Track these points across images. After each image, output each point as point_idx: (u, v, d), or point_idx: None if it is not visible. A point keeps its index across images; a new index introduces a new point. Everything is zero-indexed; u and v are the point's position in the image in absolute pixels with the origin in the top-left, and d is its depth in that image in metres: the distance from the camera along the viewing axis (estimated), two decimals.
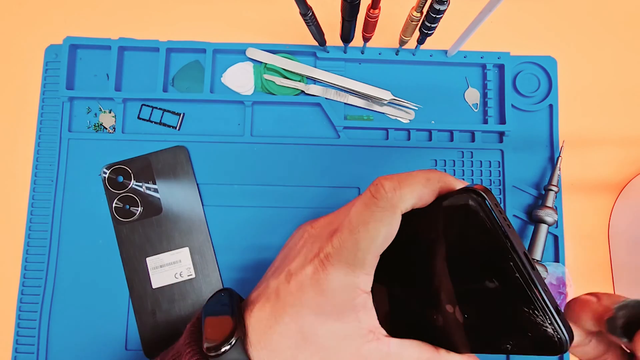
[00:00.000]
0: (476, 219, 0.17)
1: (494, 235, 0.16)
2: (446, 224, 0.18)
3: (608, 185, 0.39)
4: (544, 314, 0.16)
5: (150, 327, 0.35)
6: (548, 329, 0.16)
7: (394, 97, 0.38)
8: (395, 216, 0.17)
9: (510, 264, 0.16)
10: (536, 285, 0.16)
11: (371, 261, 0.18)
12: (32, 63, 0.40)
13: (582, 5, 0.42)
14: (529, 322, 0.16)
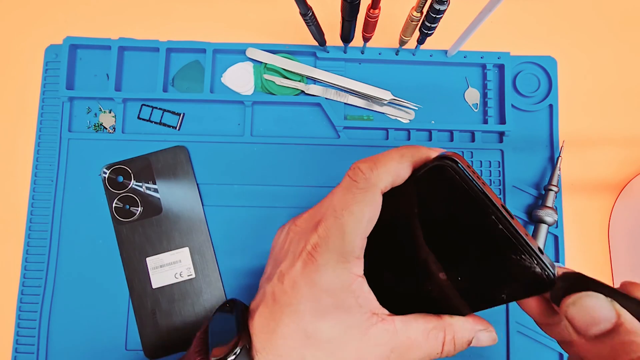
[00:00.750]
0: (452, 183, 0.17)
1: (472, 196, 0.17)
2: (425, 195, 0.18)
3: (608, 185, 0.39)
4: (530, 256, 0.17)
5: (150, 327, 0.35)
6: (536, 269, 0.17)
7: (394, 97, 0.38)
8: (376, 195, 0.17)
9: (492, 218, 0.17)
10: (519, 233, 0.17)
11: (360, 244, 0.18)
12: (32, 63, 0.40)
13: (582, 5, 0.42)
14: (518, 267, 0.17)
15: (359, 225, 0.17)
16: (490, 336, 0.19)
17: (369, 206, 0.17)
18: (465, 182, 0.17)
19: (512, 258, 0.17)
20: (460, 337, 0.19)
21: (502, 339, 0.36)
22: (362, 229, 0.18)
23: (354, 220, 0.17)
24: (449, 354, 0.19)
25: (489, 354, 0.36)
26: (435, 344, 0.19)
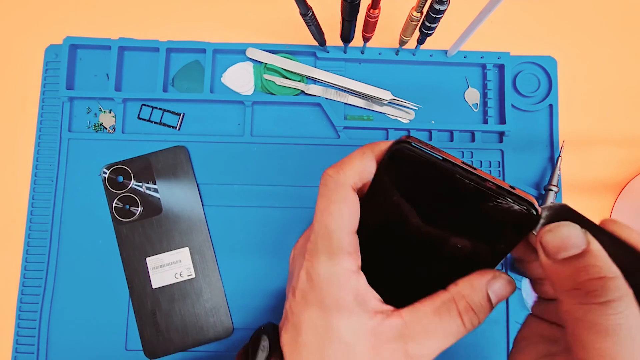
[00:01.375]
0: (412, 161, 0.18)
1: (433, 165, 0.18)
2: (398, 181, 0.19)
3: (608, 185, 0.39)
4: (504, 197, 0.17)
5: (150, 327, 0.35)
6: (514, 207, 0.17)
7: (394, 97, 0.38)
8: (347, 192, 0.18)
9: (458, 177, 0.18)
10: (486, 180, 0.17)
11: (346, 239, 0.18)
12: (32, 63, 0.40)
13: (582, 5, 0.42)
14: (500, 213, 0.17)
15: (340, 221, 0.18)
16: (504, 283, 0.18)
17: (343, 202, 0.18)
18: (421, 156, 0.18)
19: (490, 207, 0.17)
20: (474, 299, 0.18)
21: (502, 338, 0.36)
22: (345, 224, 0.18)
23: (334, 218, 0.18)
24: (474, 323, 0.18)
25: (488, 354, 0.36)
26: (451, 320, 0.18)
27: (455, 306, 0.18)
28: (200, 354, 0.36)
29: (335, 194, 0.18)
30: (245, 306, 0.36)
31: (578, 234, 0.16)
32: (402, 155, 0.18)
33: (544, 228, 0.17)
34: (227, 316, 0.36)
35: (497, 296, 0.18)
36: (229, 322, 0.36)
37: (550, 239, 0.16)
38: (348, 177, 0.19)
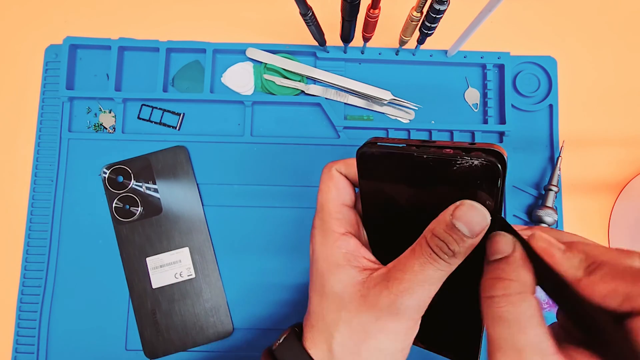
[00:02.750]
0: (376, 159, 0.20)
1: (393, 156, 0.20)
2: (373, 177, 0.21)
3: (608, 185, 0.39)
4: (462, 157, 0.18)
5: (150, 327, 0.35)
6: (475, 162, 0.18)
7: (394, 97, 0.38)
8: (334, 173, 0.22)
9: (416, 156, 0.19)
10: (444, 147, 0.19)
11: (336, 209, 0.22)
12: (32, 63, 0.40)
13: (582, 5, 0.42)
14: (468, 173, 0.18)
15: (328, 196, 0.22)
16: (466, 207, 0.18)
17: (330, 181, 0.22)
18: (382, 152, 0.20)
19: (457, 170, 0.18)
20: (438, 228, 0.19)
21: None
22: (333, 197, 0.22)
23: (324, 194, 0.22)
24: (443, 249, 0.18)
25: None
26: (422, 251, 0.19)
27: (425, 239, 0.19)
28: (200, 354, 0.36)
29: (326, 176, 0.22)
30: (245, 306, 0.36)
31: (508, 242, 0.18)
32: (366, 156, 0.20)
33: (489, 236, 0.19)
34: (227, 316, 0.36)
35: (461, 220, 0.18)
36: (229, 322, 0.36)
37: (489, 244, 0.19)
38: (337, 166, 0.22)
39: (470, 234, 0.18)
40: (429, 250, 0.19)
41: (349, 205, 0.22)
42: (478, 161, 0.17)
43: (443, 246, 0.18)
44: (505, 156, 0.18)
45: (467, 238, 0.18)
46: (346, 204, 0.22)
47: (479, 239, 0.18)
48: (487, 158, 0.17)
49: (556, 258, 0.18)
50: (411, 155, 0.19)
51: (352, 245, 0.21)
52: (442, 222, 0.19)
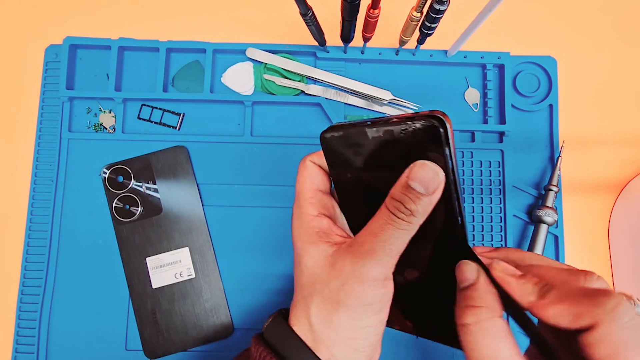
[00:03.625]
0: (334, 141, 0.22)
1: (349, 136, 0.21)
2: (339, 159, 0.22)
3: (608, 185, 0.39)
4: (406, 123, 0.19)
5: (150, 327, 0.35)
6: (417, 125, 0.19)
7: (394, 97, 0.38)
8: (307, 163, 0.24)
9: (367, 131, 0.20)
10: (390, 118, 0.20)
11: (310, 194, 0.23)
12: (32, 63, 0.40)
13: (582, 5, 0.42)
14: (414, 138, 0.19)
15: (302, 183, 0.23)
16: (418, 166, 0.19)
17: (305, 170, 0.24)
18: (338, 134, 0.21)
19: (405, 137, 0.19)
20: (394, 190, 0.20)
21: None
22: (307, 184, 0.23)
23: (299, 182, 0.24)
24: (400, 209, 0.19)
25: None
26: (381, 214, 0.20)
27: (384, 204, 0.20)
28: (200, 354, 0.36)
29: (301, 167, 0.24)
30: (245, 306, 0.36)
31: (472, 270, 0.20)
32: (326, 139, 0.22)
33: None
34: (227, 316, 0.36)
35: (416, 179, 0.19)
36: (229, 322, 0.36)
37: (457, 273, 0.21)
38: (311, 157, 0.24)
39: (425, 191, 0.19)
40: (387, 213, 0.20)
41: (324, 191, 0.24)
42: (419, 124, 0.18)
43: (399, 206, 0.19)
44: (445, 118, 0.18)
45: (423, 196, 0.19)
46: (320, 190, 0.24)
47: (435, 197, 0.19)
48: (427, 120, 0.18)
49: (512, 286, 0.19)
50: (364, 131, 0.20)
51: (324, 224, 0.23)
52: (399, 185, 0.20)
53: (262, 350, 0.22)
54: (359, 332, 0.21)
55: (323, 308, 0.21)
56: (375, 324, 0.21)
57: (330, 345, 0.21)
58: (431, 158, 0.19)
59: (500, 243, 0.37)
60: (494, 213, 0.37)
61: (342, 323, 0.20)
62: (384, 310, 0.21)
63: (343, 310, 0.20)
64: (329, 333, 0.21)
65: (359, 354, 0.21)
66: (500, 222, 0.37)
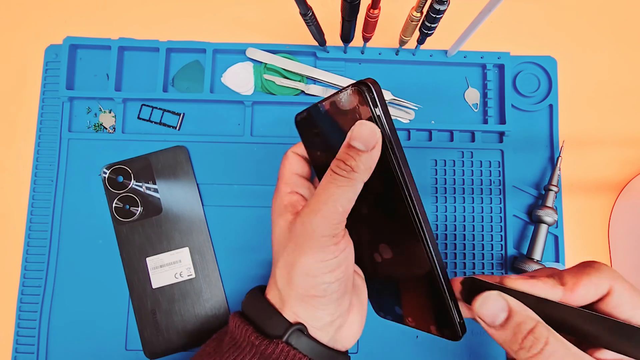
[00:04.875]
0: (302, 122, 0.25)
1: (315, 112, 0.24)
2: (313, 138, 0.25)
3: (608, 185, 0.39)
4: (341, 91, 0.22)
5: (150, 327, 0.35)
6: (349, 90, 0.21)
7: (394, 97, 0.38)
8: (289, 153, 0.26)
9: (319, 106, 0.23)
10: (332, 95, 0.22)
11: (287, 176, 0.25)
12: (32, 63, 0.40)
13: (582, 5, 0.42)
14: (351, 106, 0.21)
15: (283, 169, 0.25)
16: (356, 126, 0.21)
17: (286, 160, 0.25)
18: (304, 115, 0.24)
19: (345, 106, 0.22)
20: (339, 152, 0.21)
21: None
22: (286, 169, 0.25)
23: (280, 170, 0.25)
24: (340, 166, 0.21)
25: (489, 353, 0.36)
26: (327, 178, 0.21)
27: (330, 167, 0.21)
28: None
29: (283, 157, 0.26)
30: None
31: (498, 299, 0.20)
32: (296, 122, 0.25)
33: (474, 304, 0.20)
34: (227, 316, 0.36)
35: (356, 138, 0.20)
36: None
37: (482, 312, 0.20)
38: (293, 148, 0.26)
39: (364, 148, 0.20)
40: (329, 173, 0.21)
41: (301, 175, 0.25)
42: (350, 89, 0.21)
43: (340, 164, 0.21)
44: (372, 83, 0.21)
45: (362, 152, 0.20)
46: (297, 174, 0.25)
47: (375, 153, 0.21)
48: (356, 85, 0.21)
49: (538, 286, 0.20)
50: (318, 108, 0.23)
51: (294, 199, 0.24)
52: (342, 146, 0.21)
53: (237, 321, 0.23)
54: (316, 289, 0.22)
55: (284, 269, 0.23)
56: (331, 281, 0.22)
57: (293, 304, 0.22)
58: (367, 117, 0.21)
59: (500, 243, 0.37)
60: (494, 213, 0.37)
61: (300, 281, 0.22)
62: (340, 268, 0.22)
63: (299, 267, 0.21)
64: (290, 292, 0.22)
65: (320, 312, 0.22)
66: (500, 222, 0.37)
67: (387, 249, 0.24)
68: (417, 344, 0.36)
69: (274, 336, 0.22)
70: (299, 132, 0.25)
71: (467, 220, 0.37)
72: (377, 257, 0.25)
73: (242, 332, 0.23)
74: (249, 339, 0.22)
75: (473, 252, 0.37)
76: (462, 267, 0.37)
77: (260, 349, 0.22)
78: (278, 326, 0.22)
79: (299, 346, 0.22)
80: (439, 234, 0.37)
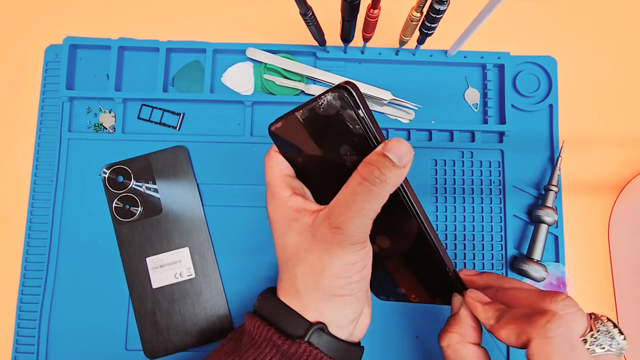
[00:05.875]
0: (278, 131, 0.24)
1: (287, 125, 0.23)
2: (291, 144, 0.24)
3: (608, 185, 0.39)
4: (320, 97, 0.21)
5: (150, 327, 0.35)
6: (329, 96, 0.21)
7: (394, 97, 0.38)
8: (272, 154, 0.25)
9: (297, 115, 0.22)
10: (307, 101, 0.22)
11: (279, 180, 0.25)
12: (32, 63, 0.40)
13: (582, 5, 0.42)
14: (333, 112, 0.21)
15: (270, 172, 0.25)
16: (394, 141, 0.21)
17: (271, 161, 0.25)
18: (280, 125, 0.24)
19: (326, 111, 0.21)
20: (370, 157, 0.21)
21: None
22: (275, 172, 0.25)
23: (267, 173, 0.25)
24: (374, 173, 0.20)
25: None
26: (353, 181, 0.21)
27: (357, 172, 0.21)
28: (200, 354, 0.36)
29: (266, 159, 0.25)
30: (246, 306, 0.36)
31: (457, 302, 0.25)
32: (271, 133, 0.24)
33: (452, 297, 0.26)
34: (227, 316, 0.36)
35: (392, 152, 0.20)
36: (229, 322, 0.36)
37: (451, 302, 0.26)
38: (274, 148, 0.25)
39: (398, 163, 0.20)
40: (359, 180, 0.21)
41: (290, 175, 0.25)
42: (330, 95, 0.21)
43: (375, 171, 0.20)
44: (350, 86, 0.21)
45: (395, 167, 0.20)
46: (287, 174, 0.25)
47: (405, 171, 0.21)
48: (334, 90, 0.21)
49: (478, 311, 0.24)
50: (295, 116, 0.23)
51: (299, 201, 0.24)
52: (374, 154, 0.21)
53: (256, 321, 0.24)
54: (345, 289, 0.23)
55: (309, 273, 0.23)
56: (359, 280, 0.23)
57: (318, 304, 0.23)
58: (350, 123, 0.21)
59: (500, 243, 0.37)
60: (494, 213, 0.37)
61: (329, 283, 0.22)
62: (366, 267, 0.23)
63: (329, 271, 0.22)
64: (315, 294, 0.23)
65: (347, 310, 0.23)
66: (500, 222, 0.37)
67: (385, 239, 0.26)
68: (417, 344, 0.36)
69: (296, 336, 0.23)
70: (274, 142, 0.25)
71: (467, 220, 0.37)
72: (376, 248, 0.26)
73: (263, 333, 0.23)
74: (270, 339, 0.23)
75: (473, 252, 0.37)
76: (463, 267, 0.37)
77: (283, 349, 0.22)
78: (299, 326, 0.23)
79: (320, 345, 0.23)
80: (438, 234, 0.37)
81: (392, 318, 0.36)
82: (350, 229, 0.21)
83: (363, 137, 0.21)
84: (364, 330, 0.26)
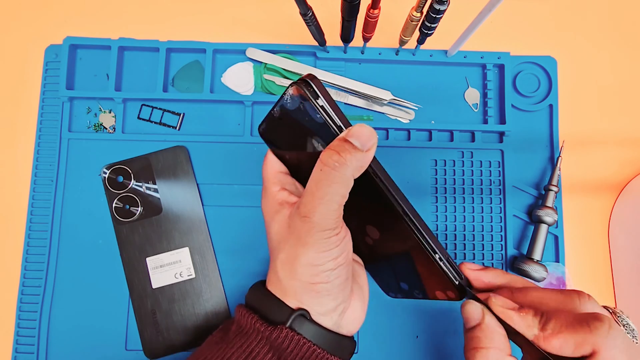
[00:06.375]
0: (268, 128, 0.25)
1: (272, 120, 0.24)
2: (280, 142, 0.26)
3: (608, 185, 0.39)
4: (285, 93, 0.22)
5: (150, 327, 0.35)
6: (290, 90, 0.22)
7: (394, 97, 0.38)
8: (268, 155, 0.27)
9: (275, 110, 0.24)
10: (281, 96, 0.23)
11: (271, 176, 0.26)
12: (32, 63, 0.40)
13: (582, 6, 0.42)
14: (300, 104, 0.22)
15: (265, 170, 0.26)
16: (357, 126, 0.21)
17: (267, 160, 0.26)
18: (265, 120, 0.25)
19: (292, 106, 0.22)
20: (332, 143, 0.21)
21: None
22: (268, 169, 0.26)
23: (263, 171, 0.26)
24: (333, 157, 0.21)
25: None
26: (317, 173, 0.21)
27: (319, 159, 0.21)
28: None
29: (264, 159, 0.27)
30: None
31: (477, 310, 0.22)
32: (260, 133, 0.26)
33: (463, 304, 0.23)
34: (227, 316, 0.36)
35: (352, 135, 0.21)
36: None
37: (463, 313, 0.23)
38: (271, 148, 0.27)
39: (361, 147, 0.21)
40: (320, 166, 0.21)
41: (284, 172, 0.26)
42: (291, 89, 0.22)
43: (333, 154, 0.21)
44: (310, 78, 0.21)
45: (357, 150, 0.21)
46: (281, 172, 0.26)
47: (369, 155, 0.21)
48: (294, 84, 0.21)
49: (514, 320, 0.21)
50: (272, 115, 0.24)
51: (284, 195, 0.25)
52: (336, 140, 0.21)
53: (243, 310, 0.25)
54: (321, 276, 0.23)
55: (286, 262, 0.23)
56: (334, 267, 0.23)
57: (297, 292, 0.23)
58: (313, 114, 0.22)
59: (500, 243, 0.37)
60: (494, 213, 0.37)
61: (304, 270, 0.23)
62: (342, 255, 0.23)
63: (303, 260, 0.22)
64: (294, 282, 0.23)
65: (324, 297, 0.23)
66: (500, 222, 0.37)
67: (374, 230, 0.26)
68: (417, 344, 0.36)
69: (278, 322, 0.23)
70: (265, 142, 0.26)
71: (467, 221, 0.37)
72: (369, 240, 0.26)
73: (249, 320, 0.24)
74: (254, 325, 0.23)
75: (473, 252, 0.37)
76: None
77: (265, 335, 0.23)
78: (281, 313, 0.24)
79: (302, 331, 0.23)
80: (438, 234, 0.37)
81: (392, 318, 0.36)
82: (316, 217, 0.21)
83: (326, 127, 0.22)
84: (355, 325, 0.26)
